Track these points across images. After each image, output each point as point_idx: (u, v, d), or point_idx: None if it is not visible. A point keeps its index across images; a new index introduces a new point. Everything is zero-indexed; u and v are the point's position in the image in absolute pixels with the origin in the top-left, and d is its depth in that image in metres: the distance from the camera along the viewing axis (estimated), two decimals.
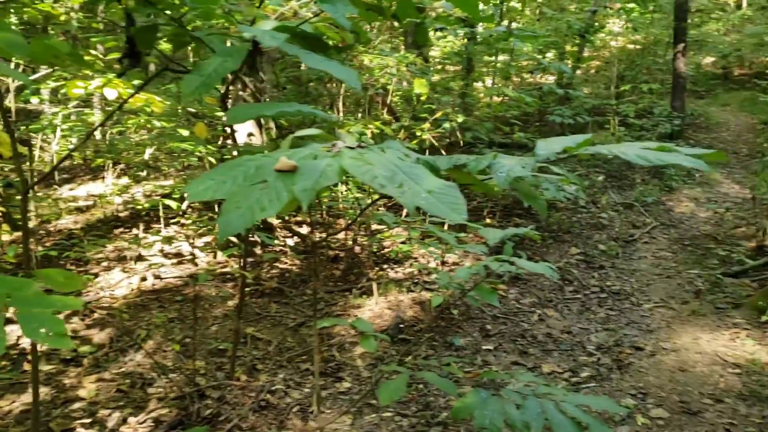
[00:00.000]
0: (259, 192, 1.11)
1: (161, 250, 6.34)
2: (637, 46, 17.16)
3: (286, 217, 6.64)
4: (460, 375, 4.13)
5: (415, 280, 5.61)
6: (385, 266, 6.04)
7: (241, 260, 3.98)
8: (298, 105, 1.56)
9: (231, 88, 5.65)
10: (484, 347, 4.63)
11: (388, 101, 5.81)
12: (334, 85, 7.26)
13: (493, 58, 8.08)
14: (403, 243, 6.12)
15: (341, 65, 1.56)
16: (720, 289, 5.54)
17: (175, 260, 6.17)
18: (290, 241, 6.49)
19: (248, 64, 1.78)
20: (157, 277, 5.78)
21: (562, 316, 5.19)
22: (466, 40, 6.53)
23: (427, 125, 5.49)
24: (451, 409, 2.26)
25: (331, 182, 1.11)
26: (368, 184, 1.13)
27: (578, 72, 15.93)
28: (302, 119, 6.70)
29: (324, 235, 6.37)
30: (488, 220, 7.33)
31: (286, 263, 6.18)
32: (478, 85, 11.21)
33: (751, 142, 12.58)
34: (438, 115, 5.60)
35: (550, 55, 13.39)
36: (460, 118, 5.58)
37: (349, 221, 5.85)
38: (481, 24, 8.86)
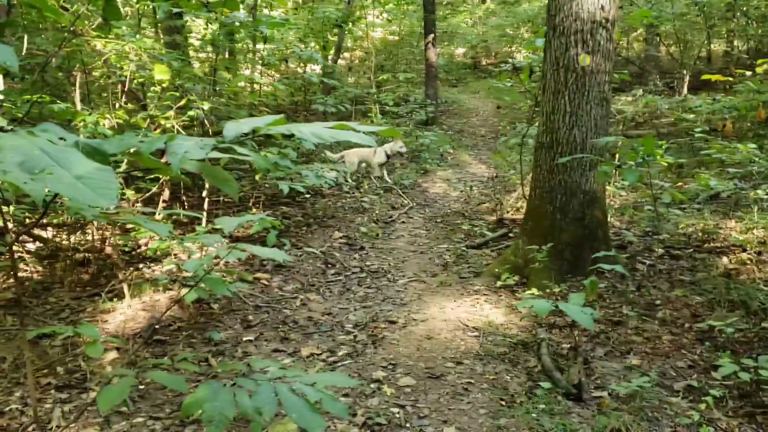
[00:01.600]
0: None
1: None
2: (396, 37, 18.12)
3: (26, 220, 5.97)
4: (220, 369, 4.03)
5: (174, 278, 5.36)
6: (141, 266, 5.70)
7: None
8: None
9: None
10: (245, 338, 4.56)
11: (126, 89, 5.45)
12: (80, 74, 6.67)
13: (249, 45, 7.97)
14: (162, 240, 5.81)
15: None
16: (465, 260, 6.03)
17: None
18: (30, 246, 5.86)
19: None
20: None
21: (323, 299, 5.29)
22: (219, 26, 6.34)
23: (170, 113, 5.24)
24: (181, 406, 2.17)
25: None
26: None
27: (342, 62, 16.41)
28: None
29: (70, 237, 5.83)
30: (254, 210, 7.25)
31: (26, 270, 5.57)
32: (247, 72, 11.05)
33: (496, 125, 13.87)
34: (183, 102, 5.37)
35: (314, 44, 13.60)
36: (206, 105, 5.41)
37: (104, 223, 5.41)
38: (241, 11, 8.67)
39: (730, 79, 5.43)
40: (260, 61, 8.29)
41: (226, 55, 9.47)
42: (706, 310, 4.52)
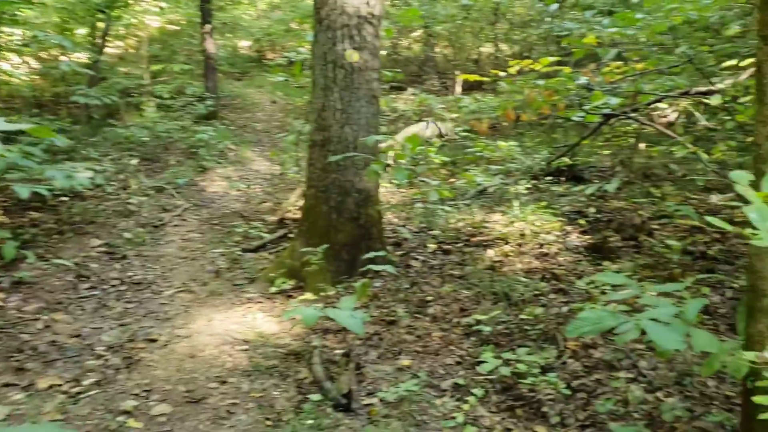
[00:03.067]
0: None
1: None
2: (175, 27, 17.07)
3: None
4: None
5: None
6: None
7: None
8: None
9: None
10: None
11: None
12: None
13: None
14: None
15: None
16: (240, 265, 5.67)
17: None
18: None
19: None
20: None
21: (73, 319, 4.63)
22: None
23: None
24: None
25: None
26: None
27: (114, 50, 15.11)
28: None
29: None
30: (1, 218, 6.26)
31: None
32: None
33: (282, 121, 13.58)
34: None
35: (82, 31, 12.30)
36: None
37: None
38: None
39: (486, 79, 5.67)
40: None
41: None
42: (473, 304, 4.62)
